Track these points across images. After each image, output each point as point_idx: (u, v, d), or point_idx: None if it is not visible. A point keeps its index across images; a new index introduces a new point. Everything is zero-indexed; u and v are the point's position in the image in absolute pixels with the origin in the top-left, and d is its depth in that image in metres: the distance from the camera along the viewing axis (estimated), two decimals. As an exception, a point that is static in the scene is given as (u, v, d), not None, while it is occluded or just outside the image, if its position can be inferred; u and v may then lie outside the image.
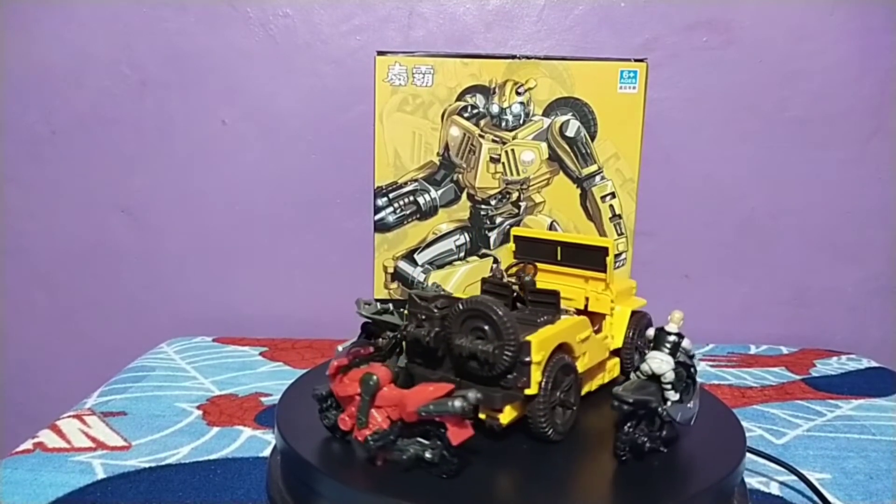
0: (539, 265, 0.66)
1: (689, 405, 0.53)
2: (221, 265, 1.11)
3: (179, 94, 1.06)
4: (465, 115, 0.75)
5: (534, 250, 0.67)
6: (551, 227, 0.77)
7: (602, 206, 0.77)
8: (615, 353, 0.64)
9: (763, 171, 1.06)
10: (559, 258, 0.65)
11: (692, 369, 0.54)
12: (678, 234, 1.07)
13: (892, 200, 1.06)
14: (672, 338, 0.53)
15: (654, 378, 0.52)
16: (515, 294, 0.63)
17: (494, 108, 0.75)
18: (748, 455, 0.57)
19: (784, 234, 1.08)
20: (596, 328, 0.61)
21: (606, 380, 0.64)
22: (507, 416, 0.53)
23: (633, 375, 0.54)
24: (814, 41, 1.02)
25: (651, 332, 0.55)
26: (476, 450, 0.52)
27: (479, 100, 0.75)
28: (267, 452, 0.68)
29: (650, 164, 0.79)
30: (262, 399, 0.82)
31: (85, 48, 1.05)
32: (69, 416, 0.76)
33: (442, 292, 0.65)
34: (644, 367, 0.52)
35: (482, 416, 0.54)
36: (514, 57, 0.74)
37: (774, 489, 0.64)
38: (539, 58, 0.74)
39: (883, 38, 1.01)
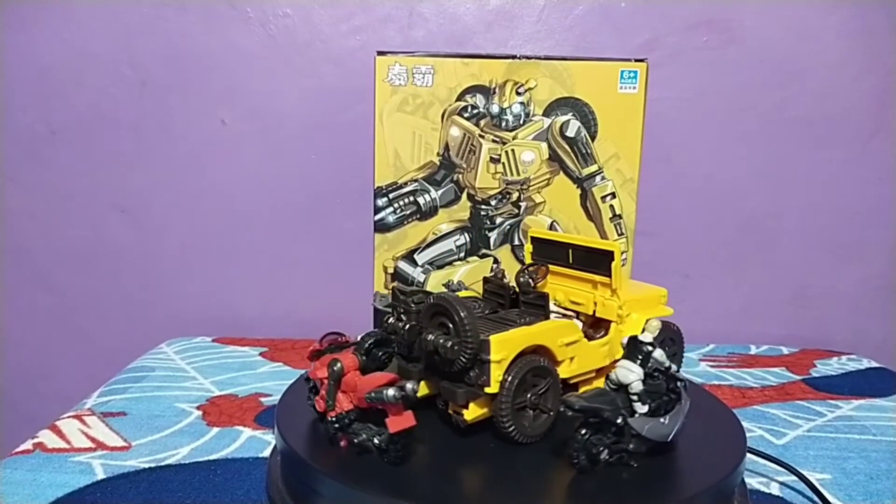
0: (553, 268, 0.65)
1: (662, 420, 0.51)
2: (221, 265, 1.11)
3: (179, 94, 1.06)
4: (466, 115, 0.75)
5: (549, 252, 0.65)
6: (551, 228, 0.77)
7: (602, 207, 0.76)
8: None
9: (763, 171, 1.05)
10: (570, 261, 0.64)
11: (679, 383, 0.52)
12: (678, 234, 1.07)
13: (893, 200, 1.06)
14: (645, 347, 0.51)
15: (623, 388, 0.51)
16: (516, 295, 0.63)
17: (494, 109, 0.75)
18: (748, 455, 0.57)
19: (784, 234, 1.08)
20: (601, 334, 0.60)
21: None
22: (471, 413, 0.53)
23: (605, 383, 0.53)
24: (814, 41, 1.02)
25: (624, 340, 0.54)
26: (448, 445, 0.54)
27: (480, 100, 0.75)
28: (267, 453, 0.68)
29: (650, 164, 0.79)
30: (262, 399, 0.82)
31: (85, 48, 1.05)
32: (69, 417, 0.76)
33: (465, 288, 0.66)
34: (612, 375, 0.52)
35: (450, 411, 0.55)
36: (514, 57, 0.74)
37: (775, 489, 0.64)
38: (539, 58, 0.74)
39: (883, 38, 1.01)
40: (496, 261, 0.78)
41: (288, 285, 1.11)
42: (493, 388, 0.51)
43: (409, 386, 0.48)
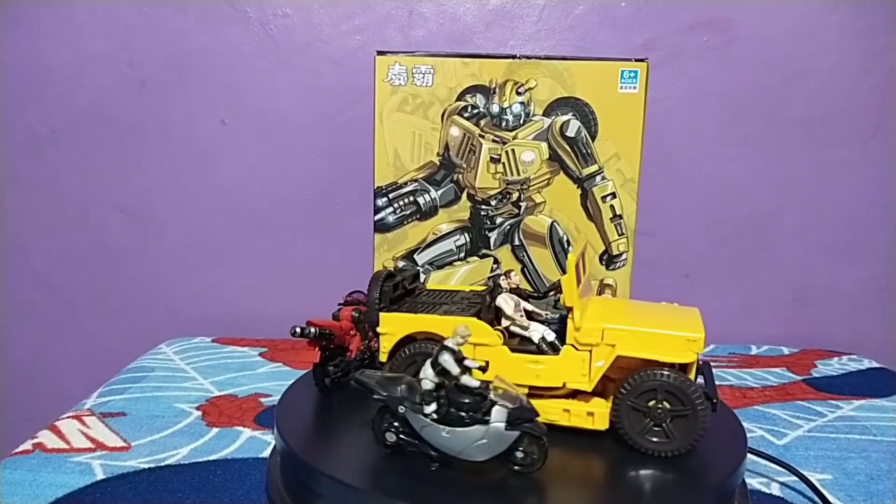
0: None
1: (443, 430, 0.49)
2: (221, 265, 1.11)
3: (179, 94, 1.06)
4: (466, 115, 0.75)
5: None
6: (551, 228, 0.77)
7: (602, 207, 0.76)
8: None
9: (763, 171, 1.05)
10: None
11: (486, 402, 0.48)
12: (679, 234, 1.07)
13: (894, 200, 1.06)
14: (440, 350, 0.50)
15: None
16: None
17: (495, 108, 0.75)
18: (749, 456, 0.57)
19: (785, 234, 1.07)
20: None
21: (573, 422, 0.55)
22: None
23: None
24: (814, 41, 1.01)
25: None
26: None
27: (480, 100, 0.75)
28: (266, 453, 0.68)
29: (651, 164, 0.78)
30: (262, 400, 0.82)
31: (85, 48, 1.05)
32: (68, 417, 0.76)
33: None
34: None
35: None
36: (514, 57, 0.74)
37: (775, 490, 0.64)
38: (539, 58, 0.74)
39: (883, 38, 1.01)
40: (496, 261, 0.78)
41: (288, 285, 1.11)
42: (382, 357, 0.59)
43: (304, 328, 0.61)
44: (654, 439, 0.53)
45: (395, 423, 0.51)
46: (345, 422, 0.59)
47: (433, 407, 0.49)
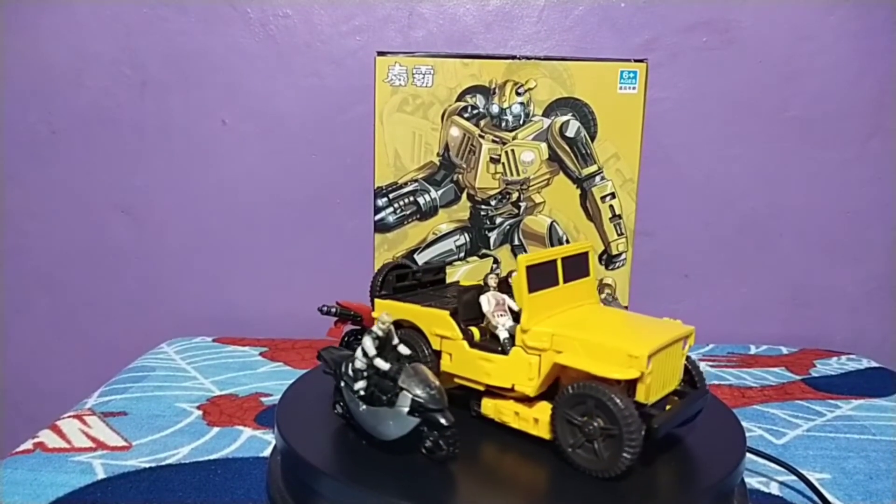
0: None
1: (361, 405, 0.53)
2: (221, 265, 1.11)
3: (179, 94, 1.06)
4: (466, 115, 0.75)
5: None
6: (551, 228, 0.77)
7: (602, 207, 0.77)
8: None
9: (763, 170, 1.06)
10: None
11: (398, 387, 0.50)
12: (678, 234, 1.07)
13: (892, 200, 1.06)
14: (367, 333, 0.54)
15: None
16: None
17: (494, 109, 0.75)
18: (748, 455, 0.57)
19: (784, 233, 1.08)
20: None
21: (521, 426, 0.54)
22: None
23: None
24: (814, 41, 1.02)
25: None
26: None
27: (480, 100, 0.75)
28: (267, 452, 0.68)
29: (650, 164, 0.79)
30: (263, 399, 0.82)
31: (85, 48, 1.05)
32: (69, 416, 0.76)
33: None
34: None
35: None
36: (514, 57, 0.74)
37: (774, 489, 0.64)
38: (539, 58, 0.74)
39: (883, 38, 1.01)
40: (496, 261, 0.78)
41: (288, 285, 1.11)
42: None
43: (329, 307, 0.70)
44: (584, 455, 0.50)
45: (342, 393, 0.55)
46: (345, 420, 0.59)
47: (361, 384, 0.53)
